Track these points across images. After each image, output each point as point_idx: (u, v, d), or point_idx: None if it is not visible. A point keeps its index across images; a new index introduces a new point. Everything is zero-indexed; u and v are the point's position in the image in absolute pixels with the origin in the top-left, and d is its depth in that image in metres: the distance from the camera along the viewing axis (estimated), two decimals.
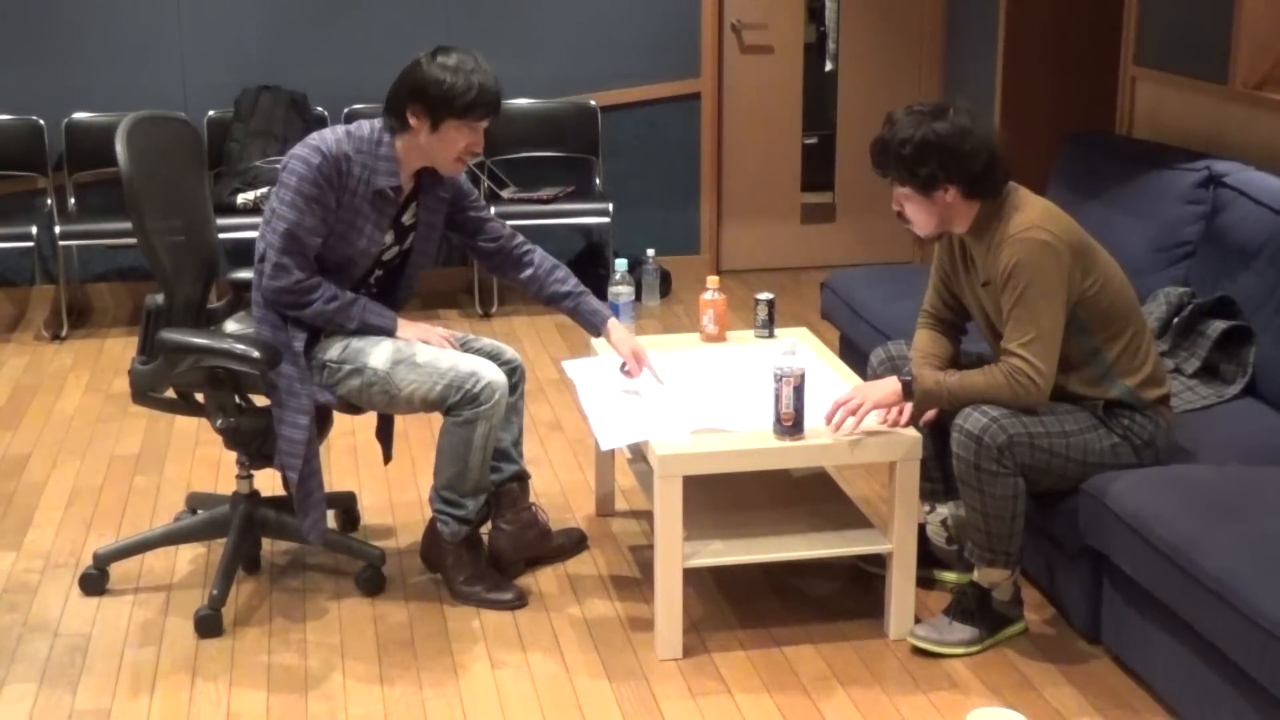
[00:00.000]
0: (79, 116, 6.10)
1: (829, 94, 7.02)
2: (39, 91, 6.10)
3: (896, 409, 3.35)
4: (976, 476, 3.22)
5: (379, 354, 3.51)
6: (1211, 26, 4.51)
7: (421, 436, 4.69)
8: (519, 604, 3.63)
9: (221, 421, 3.58)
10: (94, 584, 3.72)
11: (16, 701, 3.24)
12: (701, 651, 3.41)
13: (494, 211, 3.86)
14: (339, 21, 6.28)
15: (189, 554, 3.91)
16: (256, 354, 3.39)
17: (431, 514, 3.67)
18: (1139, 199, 4.29)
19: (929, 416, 3.48)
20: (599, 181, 6.47)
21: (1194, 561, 2.86)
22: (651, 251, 6.39)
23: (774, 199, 6.91)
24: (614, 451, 3.98)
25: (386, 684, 3.30)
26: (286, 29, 6.27)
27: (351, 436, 4.69)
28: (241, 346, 3.42)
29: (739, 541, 3.43)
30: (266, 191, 5.66)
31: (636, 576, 3.80)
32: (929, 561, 3.64)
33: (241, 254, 5.53)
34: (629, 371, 3.69)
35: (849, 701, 3.20)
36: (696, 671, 3.33)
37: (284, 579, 3.80)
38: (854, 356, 4.54)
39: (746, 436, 3.35)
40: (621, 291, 4.08)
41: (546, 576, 3.80)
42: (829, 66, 7.19)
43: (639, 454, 3.90)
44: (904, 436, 3.34)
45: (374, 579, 3.71)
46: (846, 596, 3.66)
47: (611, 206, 6.22)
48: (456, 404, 3.47)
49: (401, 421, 4.48)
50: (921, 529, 3.52)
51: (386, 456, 3.96)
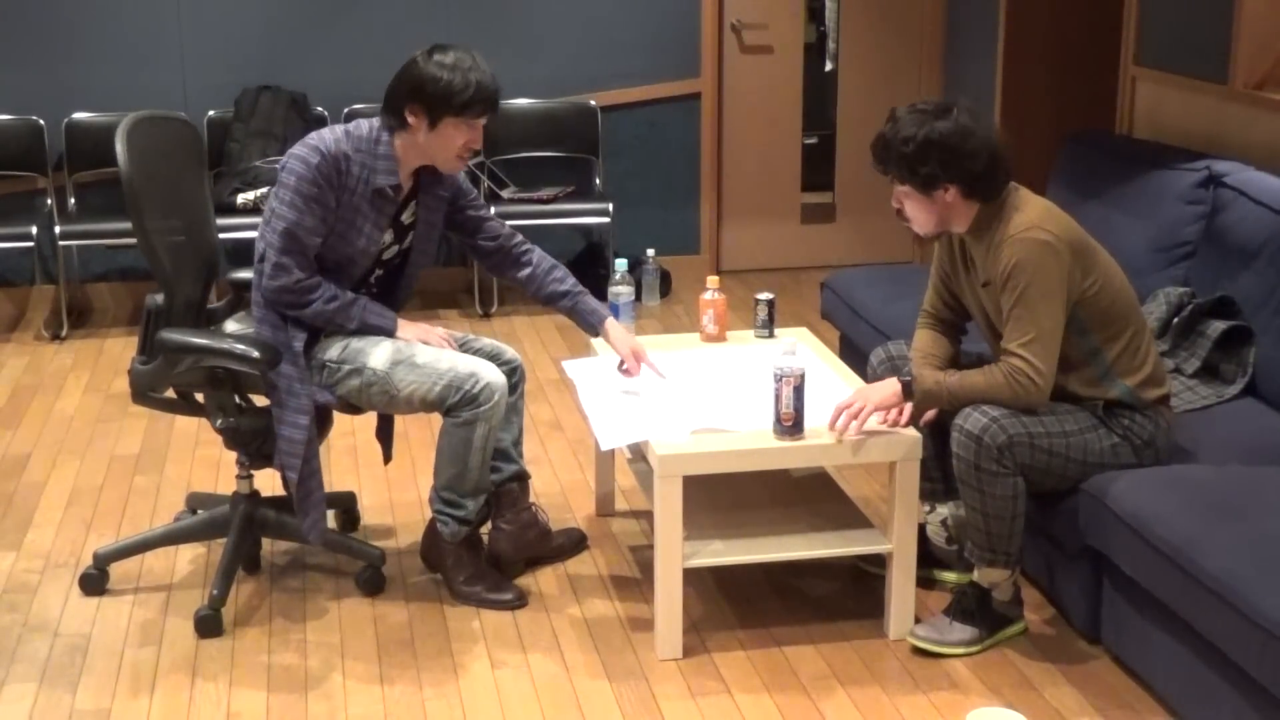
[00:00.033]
0: (79, 116, 6.10)
1: (829, 94, 7.02)
2: (39, 91, 6.10)
3: (896, 409, 3.35)
4: (976, 476, 3.22)
5: (378, 354, 3.51)
6: (1211, 26, 4.51)
7: (421, 436, 4.69)
8: (519, 604, 3.63)
9: (221, 421, 3.58)
10: (94, 584, 3.72)
11: (16, 701, 3.24)
12: (701, 651, 3.41)
13: (494, 211, 3.86)
14: (339, 21, 6.28)
15: (189, 554, 3.91)
16: (256, 354, 3.39)
17: (431, 514, 3.67)
18: (1139, 199, 4.29)
19: (929, 416, 3.48)
20: (599, 181, 6.47)
21: (1194, 561, 2.85)
22: (651, 251, 6.39)
23: (774, 199, 6.90)
24: (614, 451, 3.98)
25: (386, 684, 3.30)
26: (286, 29, 6.27)
27: (351, 436, 4.69)
28: (241, 346, 3.42)
29: (739, 541, 3.43)
30: (266, 191, 5.64)
31: (636, 576, 3.80)
32: (929, 561, 3.64)
33: (241, 254, 5.53)
34: (628, 370, 3.69)
35: (849, 701, 3.20)
36: (696, 671, 3.33)
37: (284, 579, 3.80)
38: (854, 356, 4.54)
39: (746, 436, 3.35)
40: (621, 291, 4.07)
41: (546, 576, 3.79)
42: (829, 66, 7.18)
43: (639, 454, 3.90)
44: (904, 436, 3.34)
45: (374, 579, 3.71)
46: (846, 596, 3.66)
47: (611, 206, 6.22)
48: (456, 405, 3.47)
49: (401, 421, 4.48)
50: (921, 529, 3.52)
51: (386, 456, 3.96)
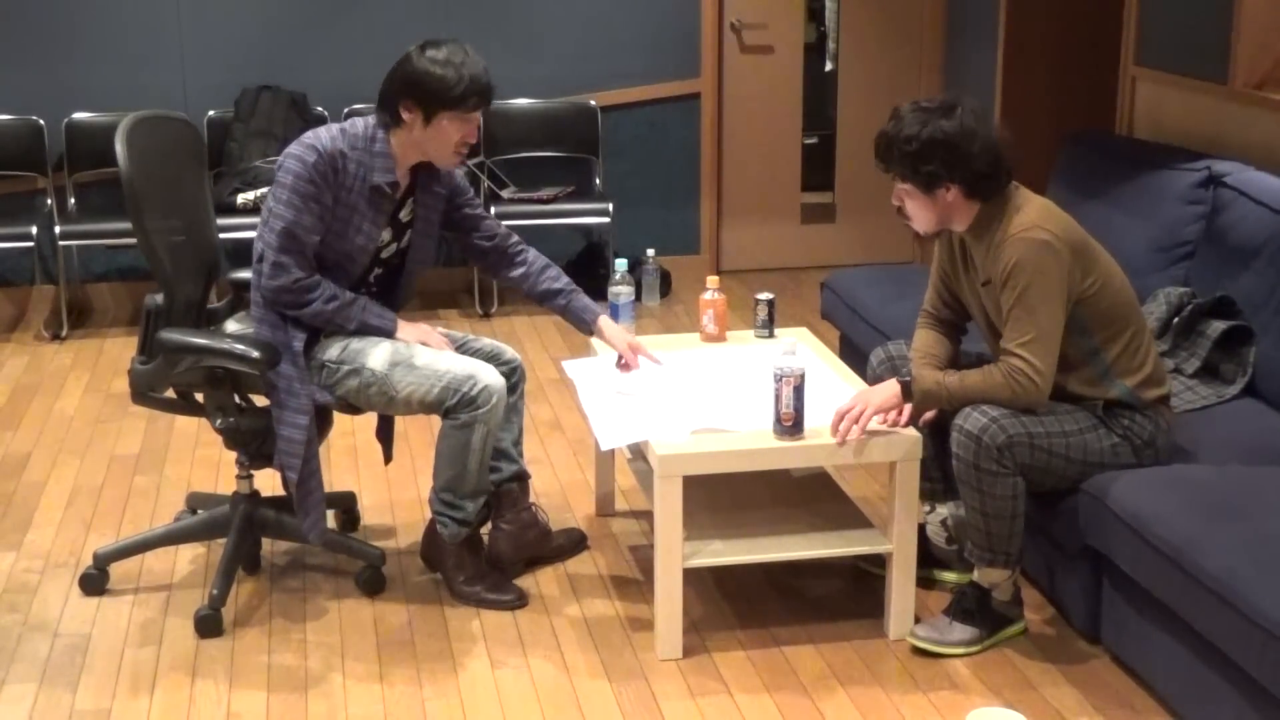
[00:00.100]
0: (79, 116, 6.10)
1: (829, 94, 7.02)
2: (39, 91, 6.10)
3: (896, 409, 3.35)
4: (976, 476, 3.22)
5: (377, 355, 3.51)
6: (1211, 26, 4.50)
7: (421, 437, 4.69)
8: (519, 604, 3.63)
9: (221, 421, 3.58)
10: (94, 584, 3.72)
11: (16, 701, 3.24)
12: (701, 651, 3.41)
13: (494, 212, 3.87)
14: (339, 21, 6.28)
15: (189, 554, 3.91)
16: (256, 354, 3.39)
17: (431, 514, 3.67)
18: (1139, 199, 4.29)
19: (929, 416, 3.48)
20: (599, 181, 6.47)
21: (1194, 561, 2.85)
22: (651, 251, 6.39)
23: (774, 199, 6.90)
24: (614, 451, 3.97)
25: (386, 684, 3.30)
26: (286, 29, 6.27)
27: (351, 436, 4.69)
28: (241, 346, 3.42)
29: (739, 541, 3.43)
30: (266, 191, 5.65)
31: (636, 576, 3.79)
32: (929, 561, 3.63)
33: (241, 254, 5.51)
34: (625, 364, 3.68)
35: (849, 701, 3.20)
36: (696, 671, 3.33)
37: (284, 579, 3.80)
38: (854, 356, 4.54)
39: (746, 436, 3.35)
40: (621, 291, 4.07)
41: (546, 576, 3.79)
42: (829, 66, 7.18)
43: (639, 454, 3.89)
44: (904, 436, 3.34)
45: (374, 579, 3.71)
46: (846, 596, 3.66)
47: (611, 206, 6.22)
48: (454, 407, 3.47)
49: (401, 422, 4.48)
50: (921, 529, 3.52)
51: (387, 457, 3.96)
